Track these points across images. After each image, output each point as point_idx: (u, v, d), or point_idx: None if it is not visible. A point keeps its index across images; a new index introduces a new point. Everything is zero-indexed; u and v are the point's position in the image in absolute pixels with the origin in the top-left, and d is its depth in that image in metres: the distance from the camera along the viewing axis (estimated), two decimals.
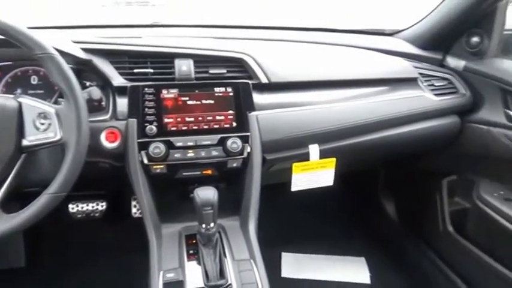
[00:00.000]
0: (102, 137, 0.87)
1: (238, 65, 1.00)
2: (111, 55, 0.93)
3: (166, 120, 0.88)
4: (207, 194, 0.79)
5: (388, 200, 1.67)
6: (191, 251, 0.86)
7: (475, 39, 1.16)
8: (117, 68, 0.92)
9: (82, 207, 1.21)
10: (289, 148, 1.00)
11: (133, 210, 1.20)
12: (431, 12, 1.22)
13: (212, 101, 0.92)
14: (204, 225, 0.80)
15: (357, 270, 1.58)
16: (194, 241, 0.87)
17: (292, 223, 1.72)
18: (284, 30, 1.33)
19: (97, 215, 1.24)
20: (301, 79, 1.03)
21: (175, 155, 0.87)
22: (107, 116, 0.89)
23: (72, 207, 1.20)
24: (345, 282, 1.51)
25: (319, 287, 1.50)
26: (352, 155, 1.13)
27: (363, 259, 1.63)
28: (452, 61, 1.23)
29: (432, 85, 1.17)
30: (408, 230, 1.56)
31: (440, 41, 1.23)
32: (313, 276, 1.53)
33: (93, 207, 1.22)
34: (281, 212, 1.66)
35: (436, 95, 1.15)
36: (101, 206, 1.23)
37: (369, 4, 1.93)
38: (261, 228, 0.93)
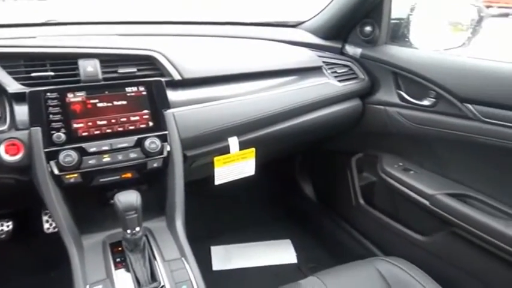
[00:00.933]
0: (1, 150, 0.78)
1: (148, 62, 0.97)
2: (1, 59, 0.84)
3: (75, 125, 0.82)
4: (129, 198, 0.76)
5: (305, 182, 1.77)
6: (118, 259, 0.82)
7: (367, 28, 1.28)
8: (11, 73, 0.83)
9: None
10: (209, 143, 1.01)
11: (46, 225, 1.11)
12: (328, 4, 1.32)
13: (125, 102, 0.88)
14: (129, 231, 0.78)
15: (283, 252, 1.66)
16: (120, 248, 0.83)
17: (219, 216, 1.74)
18: (192, 25, 1.32)
19: (3, 236, 1.12)
20: (214, 74, 1.04)
21: (90, 162, 0.82)
22: (5, 127, 0.80)
23: None
24: (274, 265, 1.59)
25: (250, 273, 1.55)
26: (270, 143, 1.18)
27: (288, 241, 1.72)
28: (350, 49, 1.34)
29: (335, 72, 1.27)
30: (325, 207, 1.69)
31: (338, 31, 1.34)
32: (243, 265, 1.57)
33: None
34: (207, 207, 1.66)
35: (340, 81, 1.25)
36: (6, 226, 1.11)
37: None
38: (188, 226, 0.93)
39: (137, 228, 0.78)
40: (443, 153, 1.17)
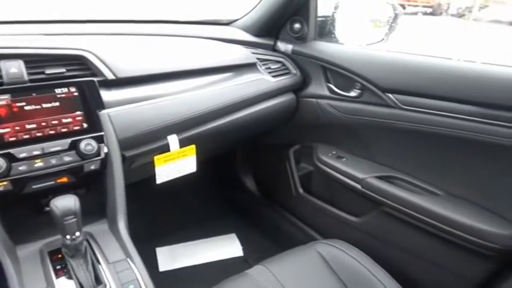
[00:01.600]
0: None
1: (78, 62, 0.93)
2: None
3: (1, 130, 0.78)
4: (66, 202, 0.74)
5: (247, 176, 1.82)
6: (58, 266, 0.79)
7: (296, 25, 1.34)
8: None
9: None
10: (147, 142, 1.00)
11: None
12: (258, 2, 1.37)
13: (56, 104, 0.85)
14: (68, 236, 0.75)
15: (229, 246, 1.69)
16: (60, 255, 0.80)
17: (163, 216, 1.72)
18: (124, 24, 1.29)
19: None
20: (149, 72, 1.03)
21: (20, 168, 0.77)
22: None
23: None
24: (221, 260, 1.61)
25: (197, 271, 1.55)
26: (209, 140, 1.19)
27: (233, 235, 1.75)
28: (282, 45, 1.40)
29: (269, 68, 1.32)
30: (267, 199, 1.74)
31: (269, 28, 1.39)
32: (190, 263, 1.57)
33: None
34: (150, 208, 1.64)
35: (273, 76, 1.30)
36: None
37: None
38: (132, 228, 0.92)
39: (77, 233, 0.76)
40: (370, 140, 1.28)
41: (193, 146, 1.09)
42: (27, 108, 0.82)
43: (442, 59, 1.10)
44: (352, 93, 1.24)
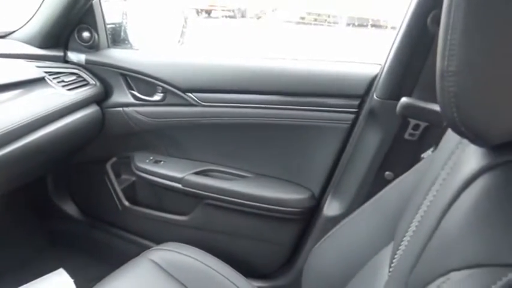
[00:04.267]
0: None
1: None
2: None
3: None
4: None
5: (63, 201, 1.64)
6: None
7: (85, 33, 1.27)
8: None
9: None
10: None
11: None
12: (36, 11, 1.24)
13: None
14: None
15: (59, 283, 1.50)
16: None
17: None
18: None
19: None
20: None
21: None
22: None
23: None
24: None
25: None
26: (5, 169, 1.03)
27: (61, 270, 1.56)
28: (73, 56, 1.31)
29: (62, 81, 1.21)
30: (92, 220, 1.62)
31: (54, 38, 1.28)
32: None
33: None
34: None
35: (69, 90, 1.21)
36: None
37: None
38: None
39: None
40: (181, 140, 1.33)
41: None
42: None
43: (234, 58, 1.24)
44: (156, 97, 1.26)
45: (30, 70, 1.14)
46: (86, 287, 1.48)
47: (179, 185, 1.26)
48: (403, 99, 0.93)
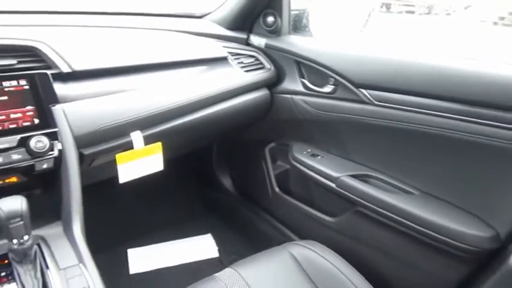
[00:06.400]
0: None
1: (31, 54, 0.87)
2: None
3: None
4: (12, 204, 0.68)
5: (223, 174, 1.77)
6: (3, 273, 0.73)
7: (270, 19, 1.30)
8: None
9: None
10: (108, 139, 0.94)
11: None
12: None
13: (4, 98, 0.79)
14: (15, 241, 0.69)
15: (204, 247, 1.64)
16: (6, 261, 0.75)
17: (135, 216, 1.66)
18: (86, 15, 1.22)
19: None
20: (109, 65, 0.97)
21: None
22: None
23: None
24: (195, 262, 1.56)
25: (170, 273, 1.50)
26: (178, 136, 1.14)
27: (209, 235, 1.70)
28: (255, 39, 1.36)
29: (242, 62, 1.27)
30: (243, 197, 1.70)
31: (242, 21, 1.34)
32: (162, 265, 1.52)
33: None
34: (120, 208, 1.58)
35: (246, 71, 1.26)
36: None
37: None
38: (102, 229, 0.86)
39: (25, 237, 0.70)
40: (345, 137, 1.24)
41: (159, 144, 1.04)
42: None
43: (416, 55, 1.07)
44: (326, 89, 1.20)
45: (218, 49, 1.22)
46: (226, 259, 1.59)
47: (333, 185, 1.19)
48: None
